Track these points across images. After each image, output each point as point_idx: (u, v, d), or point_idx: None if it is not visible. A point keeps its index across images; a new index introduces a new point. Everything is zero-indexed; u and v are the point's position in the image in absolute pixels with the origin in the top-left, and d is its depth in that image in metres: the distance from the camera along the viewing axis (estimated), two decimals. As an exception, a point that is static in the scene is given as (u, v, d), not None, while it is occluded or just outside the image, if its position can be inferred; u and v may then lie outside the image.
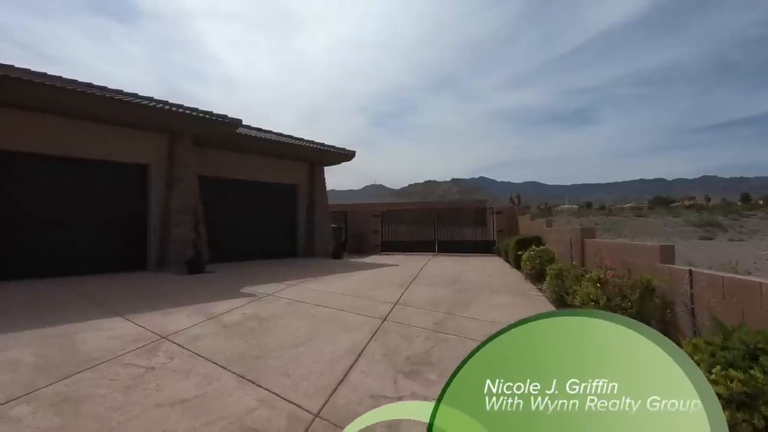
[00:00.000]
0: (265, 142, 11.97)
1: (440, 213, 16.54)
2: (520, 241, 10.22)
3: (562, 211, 74.68)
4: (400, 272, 9.75)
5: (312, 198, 14.15)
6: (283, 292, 7.16)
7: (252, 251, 12.60)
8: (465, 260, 12.92)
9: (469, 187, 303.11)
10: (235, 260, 11.87)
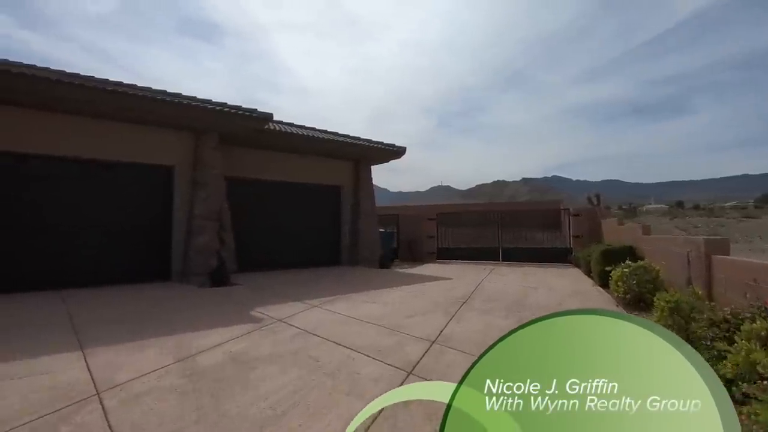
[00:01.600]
0: (301, 138, 10.82)
1: (505, 215, 14.42)
2: (608, 253, 8.02)
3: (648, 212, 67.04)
4: (450, 289, 8.02)
5: (357, 200, 12.81)
6: (299, 316, 5.81)
7: (290, 260, 11.51)
8: (534, 272, 10.81)
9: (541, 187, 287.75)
10: (271, 269, 10.84)
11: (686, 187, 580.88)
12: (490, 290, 7.88)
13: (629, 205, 60.11)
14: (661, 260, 6.53)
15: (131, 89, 7.82)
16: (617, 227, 10.27)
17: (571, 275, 10.14)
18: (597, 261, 8.26)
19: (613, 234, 10.59)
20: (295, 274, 10.30)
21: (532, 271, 11.20)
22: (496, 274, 10.59)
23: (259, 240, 11.09)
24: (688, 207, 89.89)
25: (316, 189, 12.45)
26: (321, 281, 9.25)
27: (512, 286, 8.45)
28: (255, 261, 10.78)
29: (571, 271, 11.09)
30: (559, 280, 9.21)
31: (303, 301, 6.86)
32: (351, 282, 9.18)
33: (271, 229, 11.38)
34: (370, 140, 12.73)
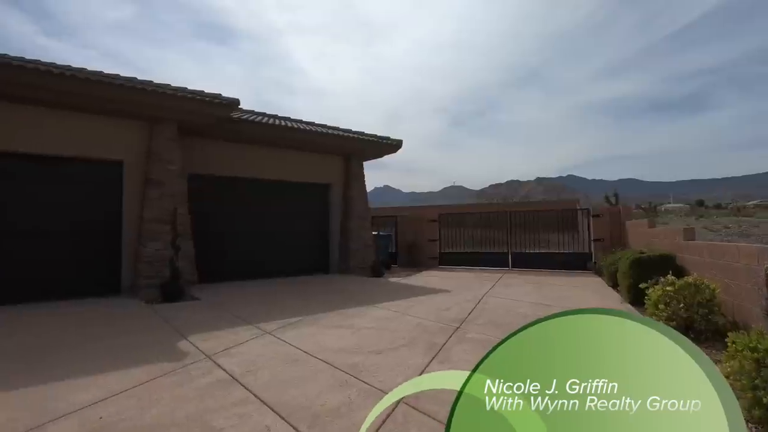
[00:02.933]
0: (280, 130, 9.51)
1: (515, 217, 12.86)
2: (640, 263, 6.48)
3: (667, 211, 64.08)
4: (445, 308, 6.57)
5: (348, 200, 11.44)
6: (239, 350, 4.47)
7: (271, 267, 10.21)
8: (548, 283, 9.29)
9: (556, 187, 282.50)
10: (246, 279, 9.56)
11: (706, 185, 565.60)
12: (493, 309, 6.41)
13: (649, 204, 57.44)
14: (716, 275, 5.00)
15: (68, 70, 6.59)
16: (647, 230, 8.68)
17: (593, 287, 8.59)
18: (625, 272, 6.73)
19: (642, 238, 9.00)
20: (271, 285, 8.97)
21: (546, 281, 9.67)
22: (504, 285, 9.10)
23: (233, 246, 9.81)
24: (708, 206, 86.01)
25: (302, 187, 11.12)
26: (295, 295, 7.89)
27: (521, 302, 6.97)
28: (227, 270, 9.51)
29: (592, 281, 9.53)
30: (579, 295, 7.67)
31: (258, 324, 5.52)
32: (329, 297, 7.79)
33: (248, 233, 10.09)
34: (362, 133, 11.35)
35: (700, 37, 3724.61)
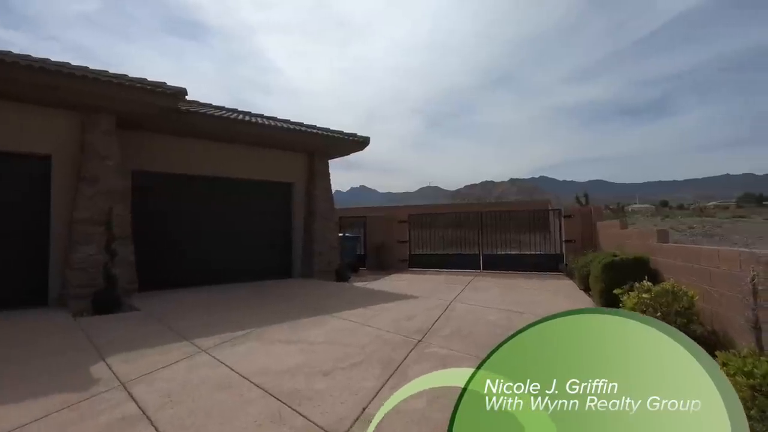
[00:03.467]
0: (236, 124, 8.80)
1: (487, 217, 12.52)
2: (613, 267, 6.15)
3: (634, 212, 65.97)
4: (409, 317, 6.07)
5: (311, 200, 10.81)
6: (161, 374, 3.83)
7: (228, 272, 9.49)
8: (519, 286, 8.94)
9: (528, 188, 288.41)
10: (200, 285, 8.84)
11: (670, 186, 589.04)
12: (461, 318, 5.95)
13: (617, 205, 58.88)
14: (694, 281, 4.68)
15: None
16: (619, 231, 8.43)
17: (565, 291, 8.27)
18: (598, 276, 6.39)
19: (614, 239, 8.76)
20: (226, 292, 8.26)
21: (516, 284, 9.32)
22: (474, 288, 8.68)
23: (186, 250, 9.06)
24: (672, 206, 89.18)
25: (263, 186, 10.42)
26: (248, 304, 7.23)
27: (490, 309, 6.54)
28: (179, 276, 8.77)
29: (564, 284, 9.23)
30: (551, 300, 7.31)
31: (196, 340, 4.87)
32: (286, 305, 7.15)
33: (203, 235, 9.35)
34: (327, 129, 10.74)
35: (664, 44, 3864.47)
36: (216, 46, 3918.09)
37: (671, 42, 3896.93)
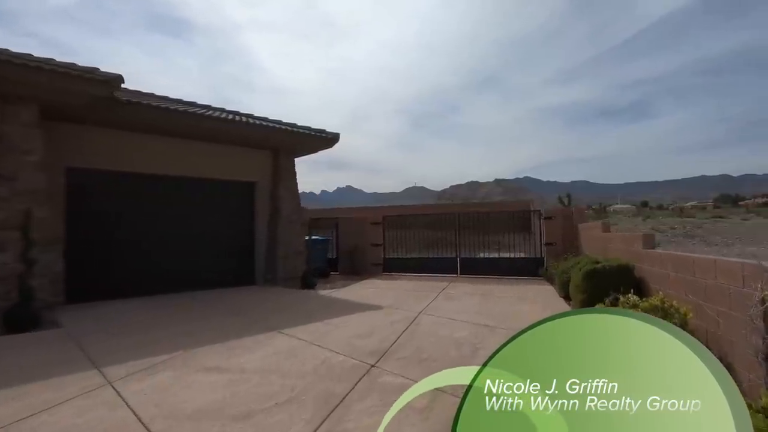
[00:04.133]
0: (187, 117, 7.98)
1: (465, 218, 11.89)
2: (595, 275, 5.56)
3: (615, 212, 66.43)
4: (367, 332, 5.36)
5: (275, 200, 10.03)
6: (45, 418, 3.07)
7: (180, 280, 8.67)
8: (497, 293, 8.32)
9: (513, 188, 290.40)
10: (148, 293, 8.04)
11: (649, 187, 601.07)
12: (425, 335, 5.27)
13: (599, 205, 59.17)
14: (685, 294, 4.09)
15: None
16: (602, 234, 7.88)
17: (543, 299, 7.67)
18: (579, 285, 5.80)
19: (596, 243, 8.22)
20: (170, 304, 7.45)
21: (493, 291, 8.70)
22: (447, 297, 8.03)
23: (131, 255, 8.21)
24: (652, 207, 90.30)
25: (222, 186, 9.61)
26: (191, 317, 6.44)
27: (461, 322, 5.87)
28: (122, 285, 7.95)
29: (543, 290, 8.65)
30: (528, 310, 6.67)
31: (106, 368, 4.09)
32: (232, 319, 6.36)
33: (152, 240, 8.51)
34: (294, 125, 9.98)
35: (642, 50, 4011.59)
36: (200, 43, 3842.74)
37: (649, 47, 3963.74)
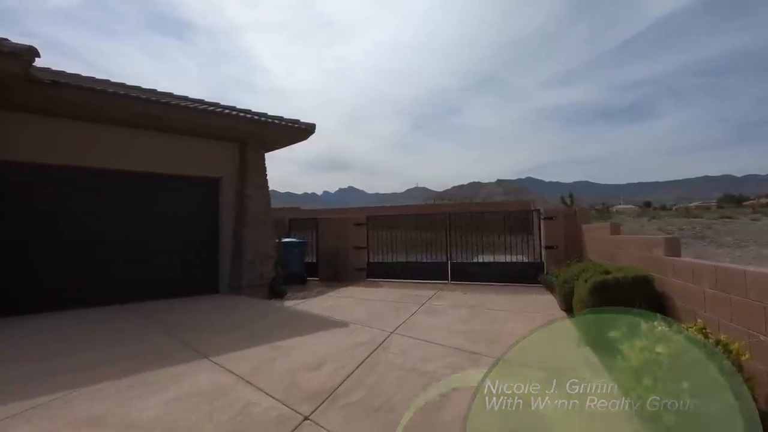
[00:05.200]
0: (127, 102, 6.89)
1: (457, 219, 10.78)
2: (605, 289, 4.45)
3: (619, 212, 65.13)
4: (318, 362, 4.26)
5: (242, 199, 8.95)
6: None
7: (126, 288, 7.65)
8: (488, 305, 7.21)
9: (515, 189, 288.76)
10: (89, 305, 7.05)
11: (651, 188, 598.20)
12: (392, 365, 4.17)
13: (602, 205, 57.94)
14: (729, 318, 2.99)
15: None
16: (609, 237, 6.77)
17: (543, 313, 6.54)
18: (585, 300, 4.69)
19: (602, 246, 7.11)
20: (103, 318, 6.39)
21: (486, 301, 7.59)
22: (430, 310, 6.92)
23: (69, 261, 7.18)
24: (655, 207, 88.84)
25: (182, 183, 8.53)
26: (113, 339, 5.33)
27: (439, 346, 4.78)
28: (53, 295, 6.89)
29: (543, 301, 7.53)
30: (524, 329, 5.56)
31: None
32: (158, 341, 5.22)
33: (93, 243, 7.45)
34: (264, 114, 8.89)
35: (641, 51, 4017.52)
36: (202, 44, 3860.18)
37: (649, 48, 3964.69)
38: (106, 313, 6.77)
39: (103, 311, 6.88)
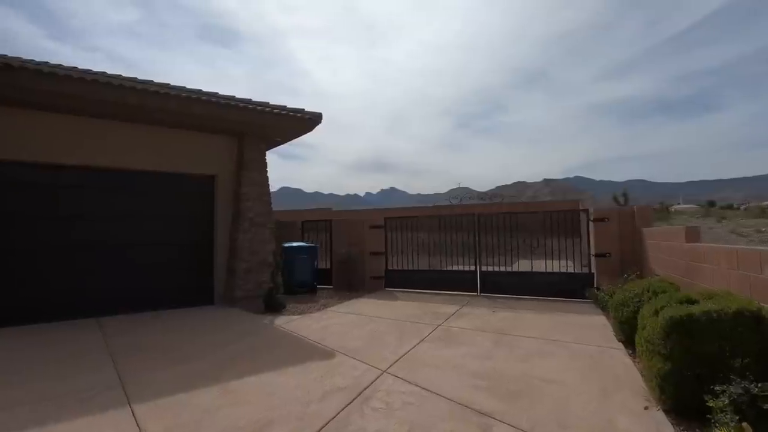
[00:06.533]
0: (96, 88, 6.01)
1: (487, 221, 9.24)
2: (691, 329, 2.94)
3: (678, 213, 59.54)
4: (266, 421, 3.08)
5: (238, 199, 7.95)
6: None
7: (108, 299, 6.87)
8: (522, 328, 5.72)
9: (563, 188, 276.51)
10: (63, 317, 6.31)
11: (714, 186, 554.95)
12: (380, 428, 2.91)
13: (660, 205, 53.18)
14: None
15: None
16: (685, 246, 5.11)
17: (592, 343, 5.00)
18: (656, 342, 3.18)
19: (676, 258, 5.46)
20: (50, 338, 5.54)
21: (518, 322, 6.11)
22: (447, 335, 5.55)
23: (35, 270, 6.42)
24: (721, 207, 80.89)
25: (172, 180, 7.65)
26: (37, 370, 4.38)
27: (443, 398, 3.44)
28: (29, 306, 6.21)
29: (592, 326, 5.94)
30: (563, 373, 4.08)
31: None
32: (107, 368, 4.21)
33: (70, 249, 6.70)
34: (265, 103, 7.86)
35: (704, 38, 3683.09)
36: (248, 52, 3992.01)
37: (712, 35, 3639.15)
38: (69, 329, 5.94)
39: (68, 327, 6.06)
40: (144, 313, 6.96)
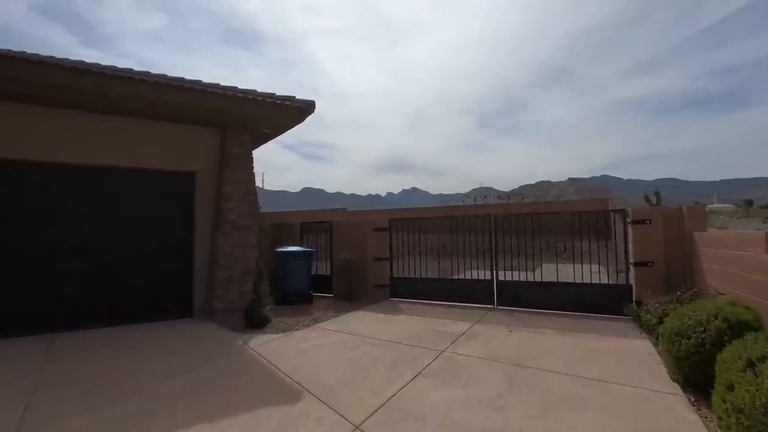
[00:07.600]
0: (48, 72, 5.21)
1: (505, 221, 8.08)
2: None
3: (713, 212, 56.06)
4: None
5: (220, 198, 7.07)
6: None
7: (80, 311, 6.11)
8: (544, 359, 4.59)
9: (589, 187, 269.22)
10: (19, 333, 5.53)
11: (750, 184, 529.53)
12: None
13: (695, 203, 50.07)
14: None
15: None
16: (765, 260, 3.90)
17: (637, 382, 3.83)
18: (757, 418, 2.07)
19: (749, 272, 4.23)
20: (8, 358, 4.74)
21: (541, 348, 4.97)
22: (448, 367, 4.46)
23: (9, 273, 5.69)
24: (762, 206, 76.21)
25: (147, 178, 6.84)
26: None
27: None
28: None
29: (633, 351, 4.74)
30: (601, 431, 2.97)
31: None
32: (36, 405, 3.39)
33: (26, 255, 5.94)
34: (253, 91, 6.96)
35: (738, 31, 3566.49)
36: (269, 54, 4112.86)
37: (747, 27, 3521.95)
38: (7, 349, 5.15)
39: (8, 346, 5.28)
40: (111, 329, 6.15)
